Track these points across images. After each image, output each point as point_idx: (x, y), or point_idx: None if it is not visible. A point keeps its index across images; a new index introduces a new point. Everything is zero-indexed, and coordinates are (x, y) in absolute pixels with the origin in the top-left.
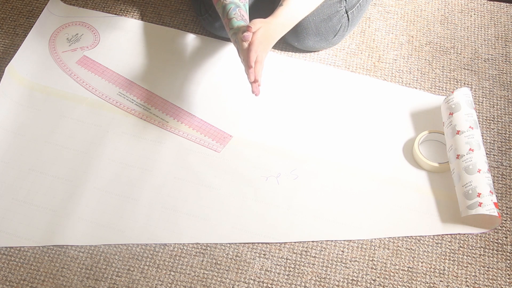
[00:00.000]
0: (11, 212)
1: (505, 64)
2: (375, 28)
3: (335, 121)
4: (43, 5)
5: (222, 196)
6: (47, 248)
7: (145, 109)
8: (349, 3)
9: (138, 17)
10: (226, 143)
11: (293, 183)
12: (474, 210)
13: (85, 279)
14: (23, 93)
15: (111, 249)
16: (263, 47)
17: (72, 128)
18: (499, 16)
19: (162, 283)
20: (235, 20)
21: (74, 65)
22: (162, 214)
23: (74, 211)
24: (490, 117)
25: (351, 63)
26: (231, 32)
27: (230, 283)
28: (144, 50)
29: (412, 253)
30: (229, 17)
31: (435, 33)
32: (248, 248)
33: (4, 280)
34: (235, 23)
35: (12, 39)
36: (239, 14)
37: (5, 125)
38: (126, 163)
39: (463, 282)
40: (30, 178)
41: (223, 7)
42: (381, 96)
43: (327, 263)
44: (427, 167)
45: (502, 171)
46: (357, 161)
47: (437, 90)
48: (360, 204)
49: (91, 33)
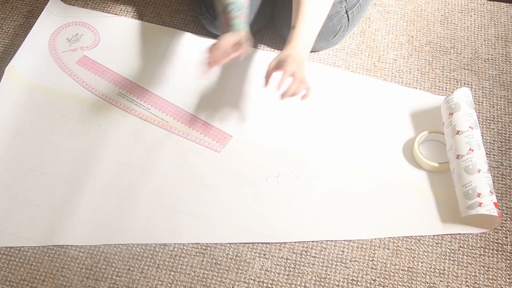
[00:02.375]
0: (11, 212)
1: (505, 64)
2: (375, 28)
3: (335, 121)
4: (43, 5)
5: (222, 196)
6: (47, 248)
7: (145, 109)
8: (349, 3)
9: (138, 17)
10: (226, 143)
11: (293, 183)
12: (474, 210)
13: (85, 279)
14: (23, 93)
15: (111, 249)
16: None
17: (72, 128)
18: (499, 16)
19: (162, 283)
20: (239, 19)
21: (74, 65)
22: (162, 214)
23: (74, 211)
24: (490, 117)
25: (351, 63)
26: (229, 28)
27: (230, 283)
28: (144, 50)
29: (412, 253)
30: (232, 16)
31: (435, 33)
32: (248, 248)
33: (4, 280)
34: (239, 23)
35: (12, 39)
36: (243, 15)
37: (5, 125)
38: (126, 163)
39: (463, 282)
40: (30, 178)
41: (225, 5)
42: (381, 96)
43: (327, 263)
44: (427, 167)
45: (502, 171)
46: (357, 161)
47: (437, 90)
48: (360, 204)
49: (91, 33)
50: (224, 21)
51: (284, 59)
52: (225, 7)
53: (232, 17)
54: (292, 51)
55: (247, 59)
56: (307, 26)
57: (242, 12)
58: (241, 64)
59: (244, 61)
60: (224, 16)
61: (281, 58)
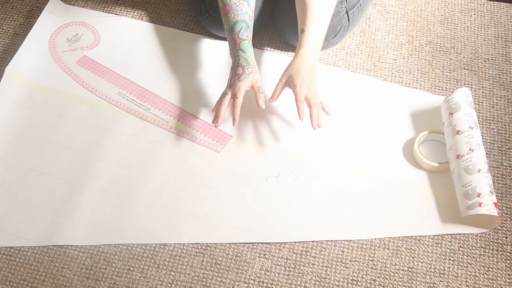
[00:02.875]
0: (11, 212)
1: (505, 64)
2: (375, 28)
3: (335, 121)
4: (43, 5)
5: (222, 196)
6: (47, 248)
7: (145, 109)
8: (349, 4)
9: (138, 17)
10: (226, 143)
11: (293, 183)
12: (474, 210)
13: (85, 279)
14: (23, 93)
15: (111, 249)
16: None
17: (72, 128)
18: (499, 16)
19: (162, 283)
20: (248, 44)
21: (74, 65)
22: (162, 214)
23: (74, 211)
24: (490, 117)
25: (351, 63)
26: (239, 52)
27: (230, 283)
28: (144, 50)
29: (412, 253)
30: (241, 37)
31: (435, 33)
32: (248, 248)
33: (4, 280)
34: (248, 49)
35: (12, 39)
36: (250, 37)
37: (5, 125)
38: (126, 163)
39: (463, 282)
40: (30, 178)
41: (233, 23)
42: (381, 96)
43: (327, 263)
44: (427, 167)
45: (502, 171)
46: (357, 161)
47: (437, 90)
48: (360, 204)
49: (91, 33)
50: (232, 42)
51: (294, 76)
52: (232, 26)
53: (241, 39)
54: (303, 60)
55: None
56: (316, 29)
57: (249, 32)
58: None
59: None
60: (231, 36)
61: (291, 74)
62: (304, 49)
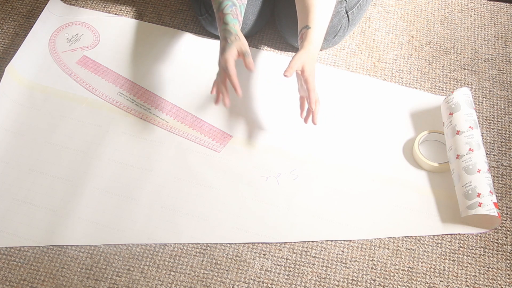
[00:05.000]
0: (11, 212)
1: (505, 64)
2: (375, 28)
3: (335, 121)
4: (43, 5)
5: (222, 196)
6: (47, 248)
7: (145, 109)
8: (349, 4)
9: (138, 17)
10: (226, 143)
11: (293, 183)
12: (474, 210)
13: (85, 279)
14: (23, 93)
15: (111, 249)
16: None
17: (72, 128)
18: (499, 16)
19: (162, 283)
20: (231, 16)
21: (74, 65)
22: (162, 214)
23: (74, 211)
24: (490, 117)
25: (351, 63)
26: (223, 27)
27: (230, 283)
28: (144, 50)
29: (412, 253)
30: (225, 12)
31: (435, 33)
32: (248, 248)
33: (4, 280)
34: (231, 20)
35: (12, 39)
36: (234, 12)
37: (5, 125)
38: (126, 163)
39: (463, 282)
40: (30, 178)
41: (219, 2)
42: (381, 96)
43: (327, 263)
44: (427, 167)
45: (502, 171)
46: (357, 161)
47: (437, 90)
48: (360, 204)
49: (91, 33)
50: (218, 19)
51: (308, 65)
52: (219, 4)
53: (224, 14)
54: (312, 52)
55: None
56: (320, 25)
57: (235, 9)
58: (241, 64)
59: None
60: (218, 14)
61: (305, 62)
62: (312, 44)
